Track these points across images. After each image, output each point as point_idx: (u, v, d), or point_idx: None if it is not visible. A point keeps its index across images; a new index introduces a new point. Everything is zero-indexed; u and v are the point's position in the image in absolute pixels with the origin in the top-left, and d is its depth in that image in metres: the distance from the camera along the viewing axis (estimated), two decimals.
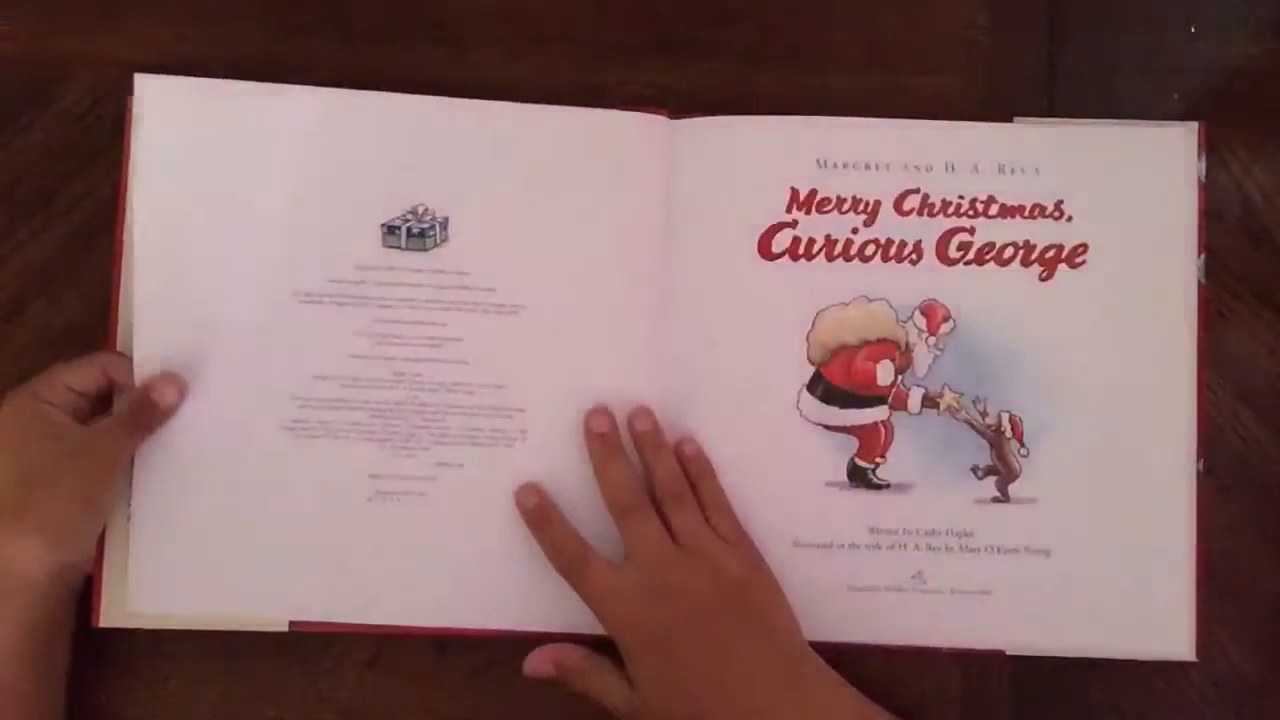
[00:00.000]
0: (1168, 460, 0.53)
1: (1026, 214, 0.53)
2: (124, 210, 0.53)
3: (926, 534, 0.53)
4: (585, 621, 0.51)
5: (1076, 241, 0.53)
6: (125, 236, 0.53)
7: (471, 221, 0.53)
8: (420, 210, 0.53)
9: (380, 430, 0.52)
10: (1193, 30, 0.56)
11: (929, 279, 0.53)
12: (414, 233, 0.53)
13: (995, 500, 0.53)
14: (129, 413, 0.51)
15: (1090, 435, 0.53)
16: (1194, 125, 0.54)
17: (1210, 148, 0.54)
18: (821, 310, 0.53)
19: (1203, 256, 0.53)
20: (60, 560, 0.48)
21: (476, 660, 0.54)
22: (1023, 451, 0.53)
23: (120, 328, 0.53)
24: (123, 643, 0.53)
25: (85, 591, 0.51)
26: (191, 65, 0.55)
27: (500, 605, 0.52)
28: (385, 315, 0.53)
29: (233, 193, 0.53)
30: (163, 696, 0.53)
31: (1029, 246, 0.53)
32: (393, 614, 0.52)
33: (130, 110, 0.53)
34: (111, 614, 0.52)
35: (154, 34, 0.56)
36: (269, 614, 0.52)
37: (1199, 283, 0.53)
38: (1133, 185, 0.54)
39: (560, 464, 0.52)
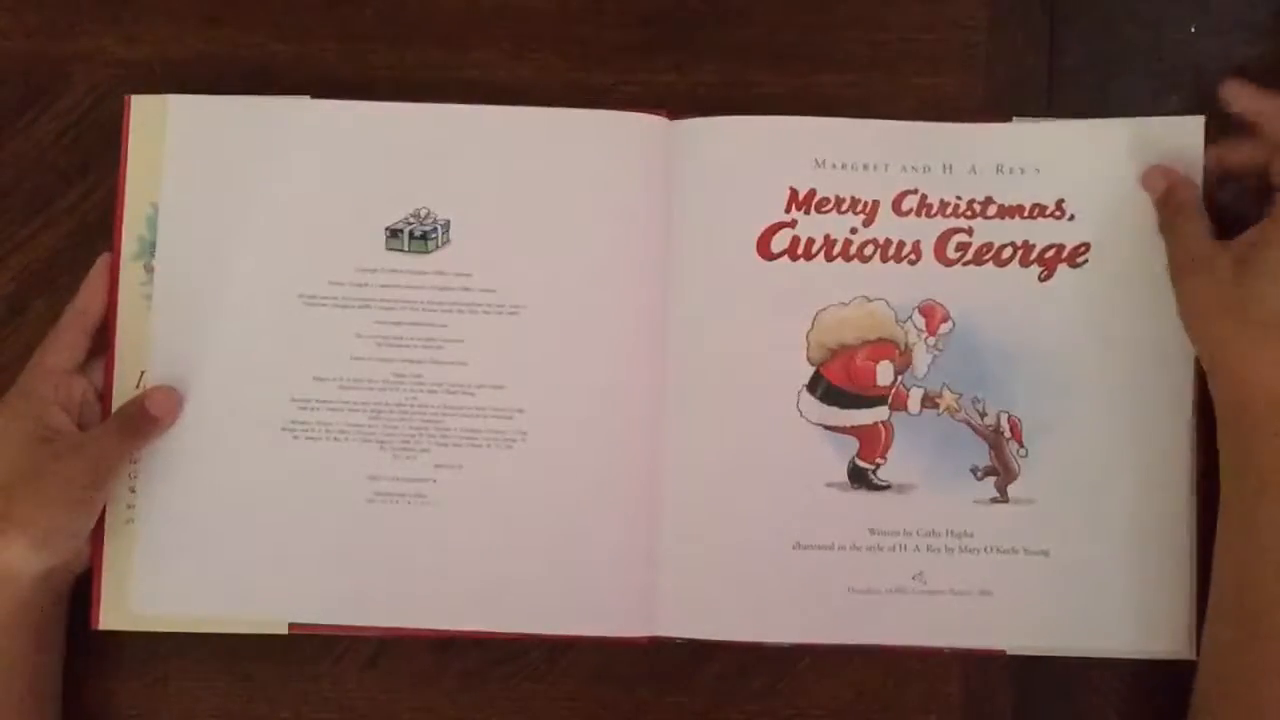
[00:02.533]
0: (1168, 460, 0.52)
1: (1026, 214, 0.53)
2: (123, 210, 0.53)
3: (927, 535, 0.52)
4: (585, 624, 0.52)
5: (1078, 241, 0.53)
6: (125, 236, 0.53)
7: (473, 224, 0.53)
8: (423, 213, 0.53)
9: (380, 432, 0.52)
10: (1193, 30, 0.56)
11: (928, 279, 0.53)
12: (416, 235, 0.53)
13: (994, 501, 0.52)
14: (122, 420, 0.51)
15: (1089, 435, 0.52)
16: (1199, 118, 0.53)
17: (1209, 147, 0.54)
18: (821, 310, 0.53)
19: None
20: (46, 562, 0.48)
21: (476, 660, 0.54)
22: (1022, 452, 0.52)
23: (120, 328, 0.53)
24: (123, 644, 0.53)
25: (84, 593, 0.51)
26: (191, 65, 0.56)
27: (500, 606, 0.52)
28: (386, 317, 0.53)
29: (240, 199, 0.53)
30: (163, 697, 0.53)
31: (1028, 246, 0.53)
32: (392, 616, 0.52)
33: (129, 110, 0.53)
34: (111, 616, 0.52)
35: (154, 34, 0.56)
36: (268, 616, 0.52)
37: None
38: (1137, 181, 0.53)
39: (560, 465, 0.52)
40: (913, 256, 0.53)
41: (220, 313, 0.53)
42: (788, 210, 0.53)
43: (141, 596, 0.52)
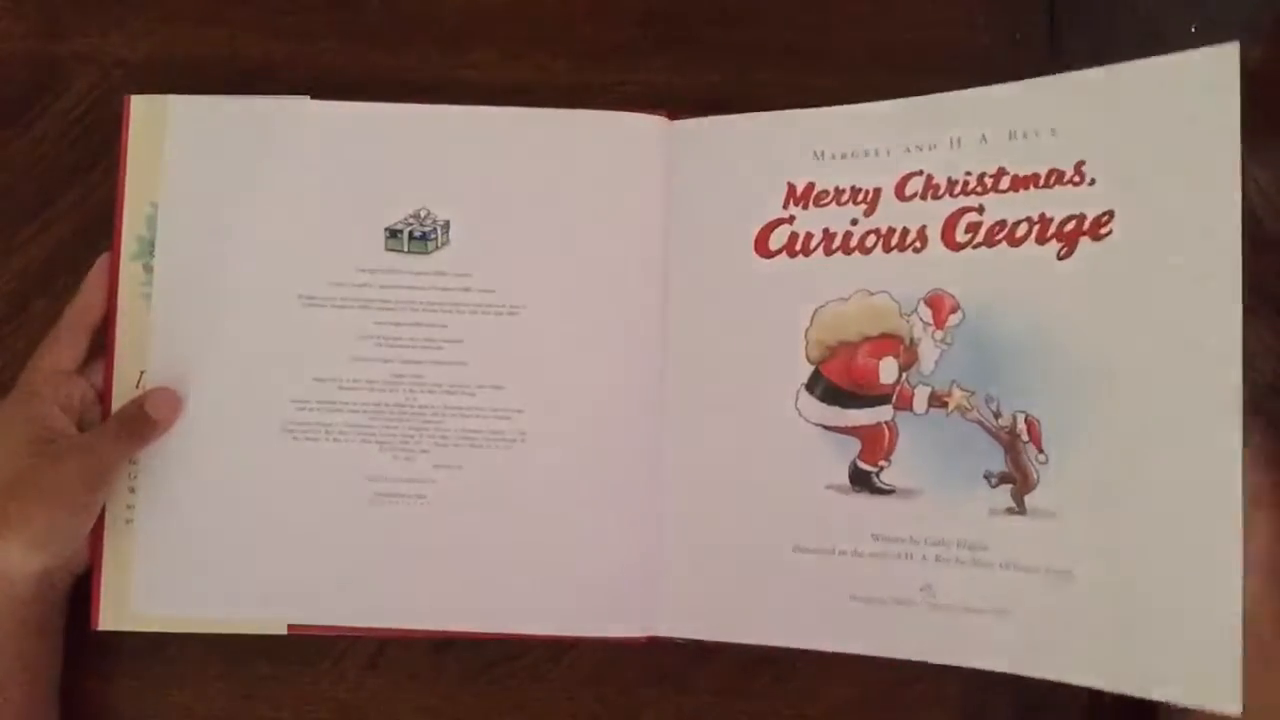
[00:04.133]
0: (1213, 469, 0.44)
1: (1042, 183, 0.48)
2: (123, 210, 0.53)
3: (935, 544, 0.49)
4: (585, 624, 0.52)
5: (1100, 209, 0.47)
6: (125, 236, 0.53)
7: (473, 224, 0.53)
8: (422, 214, 0.53)
9: (380, 432, 0.52)
10: (1193, 30, 0.56)
11: (935, 267, 0.50)
12: (416, 236, 0.53)
13: (1010, 512, 0.48)
14: (121, 422, 0.51)
15: (1120, 439, 0.46)
16: (1233, 46, 0.45)
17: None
18: (820, 307, 0.52)
19: None
20: (45, 563, 0.48)
21: (476, 661, 0.54)
22: (1041, 458, 0.47)
23: (119, 328, 0.53)
24: (123, 644, 0.53)
25: (84, 594, 0.51)
26: (191, 65, 0.56)
27: (499, 607, 0.52)
28: (386, 317, 0.53)
29: (240, 199, 0.53)
30: (163, 697, 0.53)
31: (1045, 221, 0.48)
32: (392, 617, 0.52)
33: (129, 110, 0.53)
34: (111, 616, 0.52)
35: (154, 34, 0.56)
36: (268, 616, 0.52)
37: None
38: (1167, 129, 0.46)
39: (560, 465, 0.52)
40: (918, 244, 0.50)
41: (220, 313, 0.53)
42: (785, 206, 0.52)
43: (141, 596, 0.52)
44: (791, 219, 0.52)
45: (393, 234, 0.53)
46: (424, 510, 0.52)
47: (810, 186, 0.52)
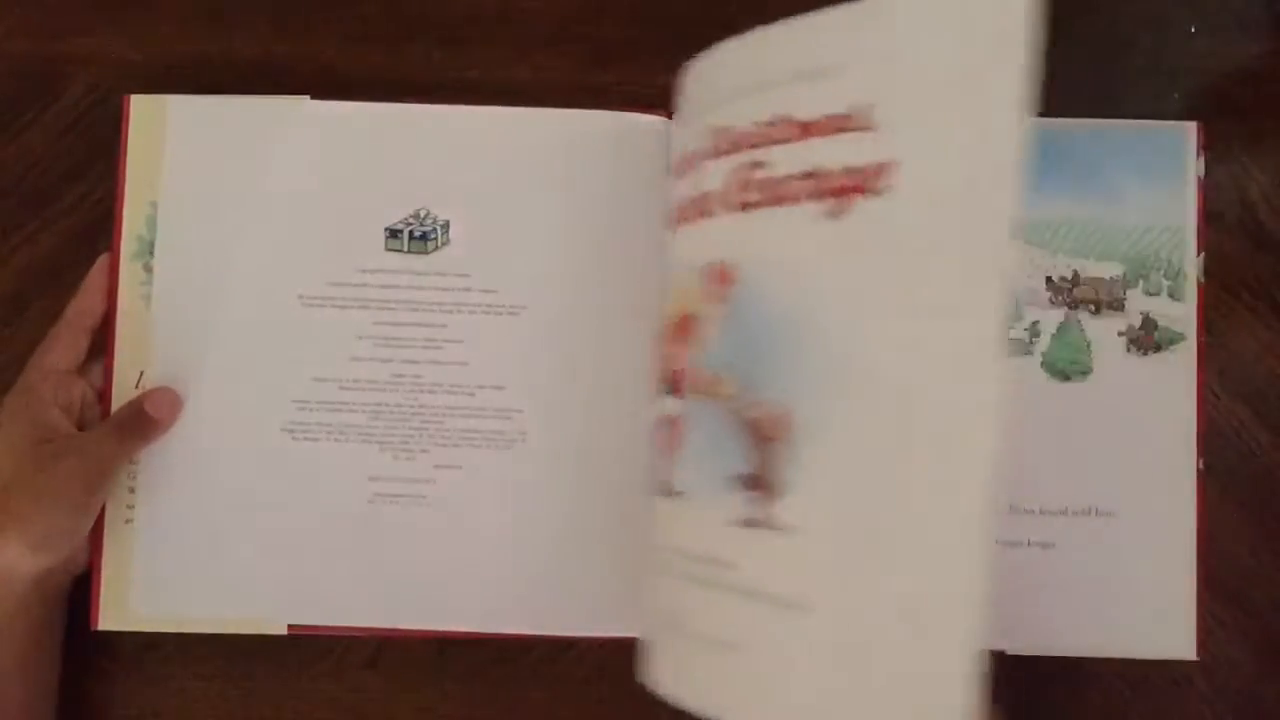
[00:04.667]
0: (956, 491, 0.35)
1: (824, 130, 0.39)
2: (123, 210, 0.53)
3: (692, 560, 0.41)
4: (585, 624, 0.52)
5: (879, 159, 0.37)
6: (125, 236, 0.53)
7: (473, 224, 0.53)
8: (422, 214, 0.53)
9: (380, 432, 0.53)
10: (1193, 30, 0.56)
11: (722, 234, 0.42)
12: (416, 235, 0.53)
13: (753, 524, 0.39)
14: (121, 421, 0.51)
15: (871, 442, 0.37)
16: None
17: (1210, 147, 0.54)
18: (667, 290, 0.46)
19: (1202, 255, 0.53)
20: (44, 563, 0.48)
21: (476, 661, 0.54)
22: (789, 458, 0.38)
23: (119, 328, 0.53)
24: (123, 644, 0.53)
25: (84, 594, 0.51)
26: (191, 65, 0.56)
27: (499, 608, 0.52)
28: (386, 317, 0.53)
29: (239, 199, 0.53)
30: (162, 698, 0.53)
31: (820, 175, 0.39)
32: (392, 616, 0.52)
33: (129, 110, 0.53)
34: (111, 616, 0.52)
35: (154, 34, 0.56)
36: (268, 616, 0.52)
37: (1198, 283, 0.53)
38: (949, 58, 0.36)
39: (558, 466, 0.53)
40: (711, 210, 0.42)
41: (220, 313, 0.53)
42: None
43: (141, 597, 0.52)
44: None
45: (393, 234, 0.53)
46: (424, 510, 0.52)
47: (683, 157, 0.46)
